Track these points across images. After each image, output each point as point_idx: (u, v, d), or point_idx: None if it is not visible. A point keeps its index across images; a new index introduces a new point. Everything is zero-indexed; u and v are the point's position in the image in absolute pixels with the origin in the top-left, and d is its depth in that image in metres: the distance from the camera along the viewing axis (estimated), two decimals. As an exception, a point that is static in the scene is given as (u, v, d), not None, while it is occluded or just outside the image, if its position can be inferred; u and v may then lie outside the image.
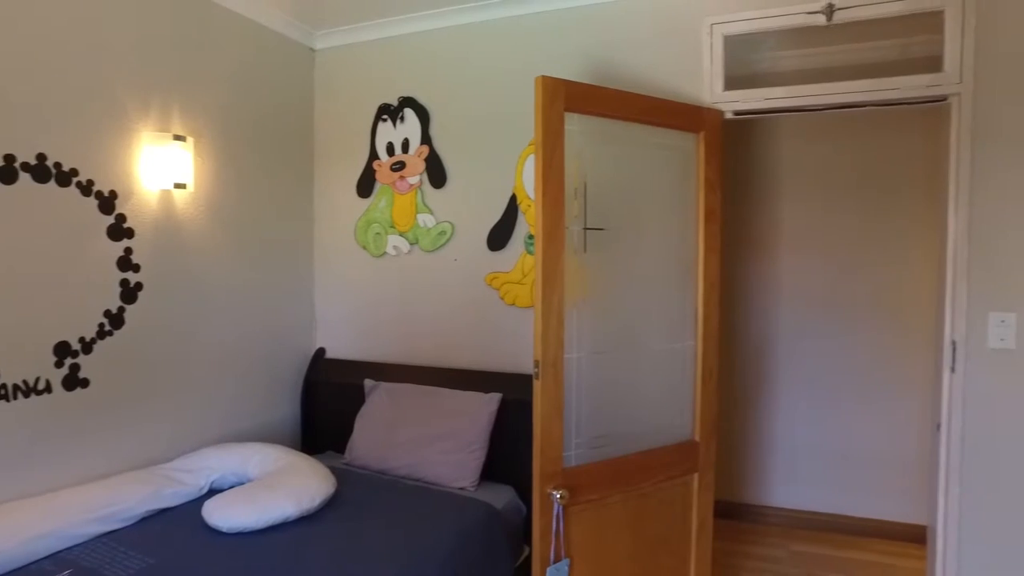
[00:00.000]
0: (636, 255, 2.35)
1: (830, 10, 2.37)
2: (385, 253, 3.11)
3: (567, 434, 2.11)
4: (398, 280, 3.09)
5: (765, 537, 3.48)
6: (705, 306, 2.38)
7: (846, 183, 3.50)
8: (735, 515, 3.68)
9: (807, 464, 3.59)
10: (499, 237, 2.88)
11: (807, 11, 2.41)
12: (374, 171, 3.10)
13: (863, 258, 3.48)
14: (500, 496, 2.57)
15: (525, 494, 2.54)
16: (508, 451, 2.66)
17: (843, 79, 2.41)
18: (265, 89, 2.98)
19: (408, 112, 3.02)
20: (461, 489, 2.56)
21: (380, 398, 2.86)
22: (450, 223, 2.97)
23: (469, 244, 2.94)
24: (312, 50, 3.24)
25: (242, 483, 2.36)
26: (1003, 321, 2.25)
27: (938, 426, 2.39)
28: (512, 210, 2.85)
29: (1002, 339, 2.26)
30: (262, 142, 2.97)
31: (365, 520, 2.20)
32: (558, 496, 2.01)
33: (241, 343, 2.88)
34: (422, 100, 3.01)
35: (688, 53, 2.57)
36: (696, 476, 2.42)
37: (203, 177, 2.67)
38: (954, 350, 2.30)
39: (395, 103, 3.05)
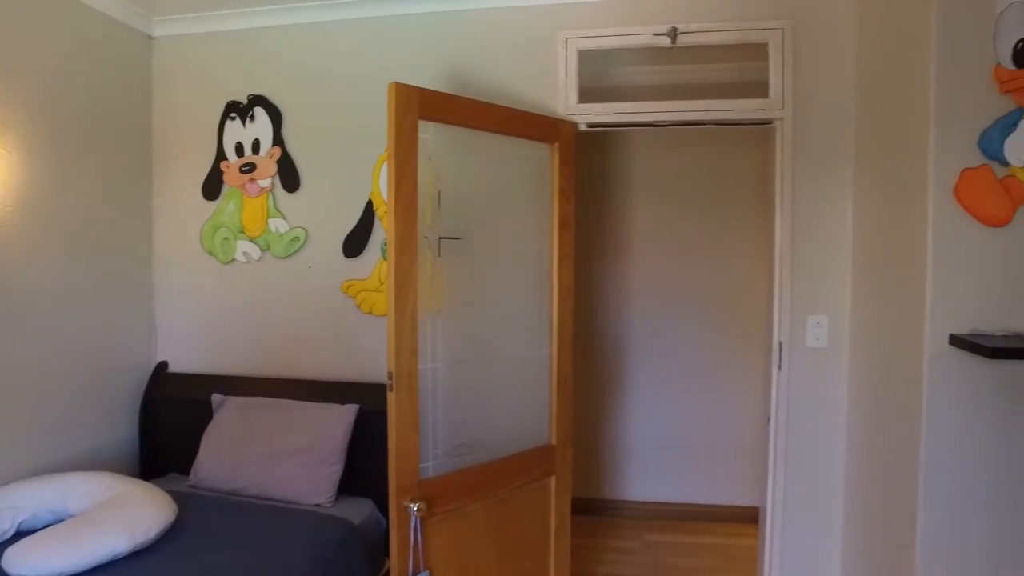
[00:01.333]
0: (493, 263, 2.37)
1: (674, 33, 2.53)
2: (234, 260, 2.92)
3: (424, 445, 2.09)
4: (249, 288, 2.92)
5: (622, 530, 3.66)
6: (560, 312, 2.45)
7: (694, 191, 3.77)
8: (594, 511, 3.84)
9: (659, 458, 3.83)
10: (355, 244, 2.80)
11: (654, 32, 2.55)
12: (222, 172, 2.90)
13: (708, 262, 3.76)
14: (359, 510, 2.50)
15: (385, 507, 2.47)
16: (367, 463, 2.58)
17: (688, 98, 2.59)
18: (94, 78, 2.69)
19: (259, 111, 2.86)
20: (317, 506, 2.46)
21: (229, 413, 2.68)
22: (304, 229, 2.85)
23: (324, 251, 2.84)
24: (150, 38, 2.97)
25: (61, 521, 2.08)
26: (818, 323, 2.51)
27: (768, 419, 2.62)
28: (368, 216, 2.78)
29: (817, 339, 2.52)
30: (90, 136, 2.67)
31: (211, 548, 2.04)
32: (415, 508, 1.99)
33: (65, 359, 2.57)
34: (274, 99, 2.86)
35: (544, 65, 2.63)
36: (554, 479, 2.49)
37: (11, 173, 2.36)
38: (780, 350, 2.53)
39: (244, 101, 2.88)
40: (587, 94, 2.62)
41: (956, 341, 1.77)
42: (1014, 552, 1.81)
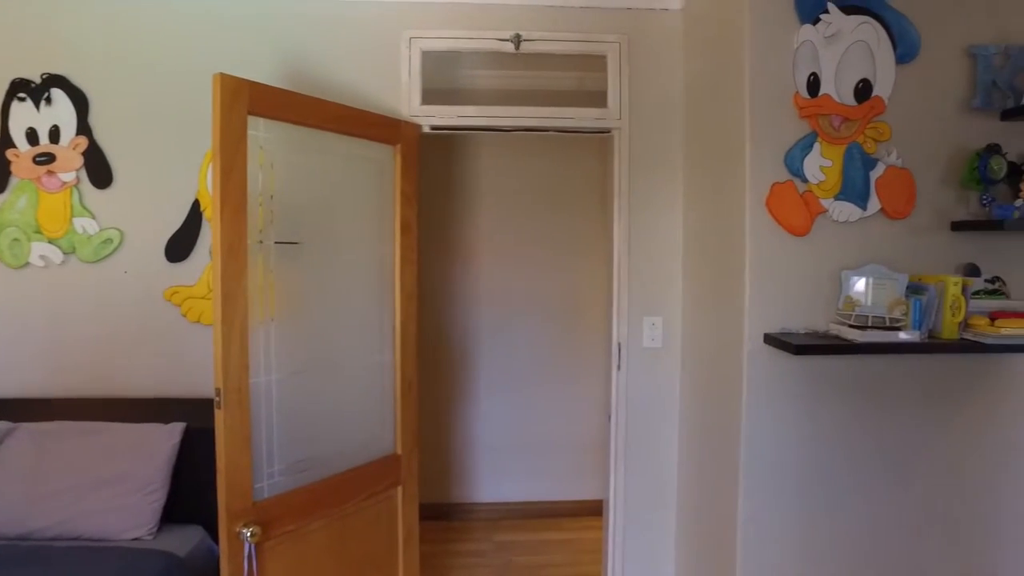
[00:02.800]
0: (334, 268, 2.26)
1: (518, 39, 2.56)
2: (28, 264, 2.53)
3: (258, 464, 1.94)
4: (48, 297, 2.54)
5: (472, 533, 3.68)
6: (403, 317, 2.39)
7: (540, 197, 3.86)
8: (444, 516, 3.82)
9: (507, 458, 3.89)
10: (180, 247, 2.54)
11: (498, 37, 2.56)
12: (8, 162, 2.50)
13: (553, 266, 3.87)
14: (186, 540, 2.28)
15: (217, 533, 2.28)
16: (197, 487, 2.34)
17: (532, 104, 2.62)
18: None
19: (58, 94, 2.50)
20: (135, 540, 2.20)
21: (19, 443, 2.32)
22: (118, 230, 2.54)
23: (144, 254, 2.55)
24: (-88, 0, 2.50)
25: None
26: (653, 324, 2.66)
27: (609, 416, 2.74)
28: (195, 217, 2.54)
29: (653, 339, 2.67)
30: None
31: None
32: (248, 534, 1.84)
33: None
34: (77, 81, 2.51)
35: (387, 65, 2.55)
36: (400, 489, 2.42)
37: None
38: (619, 350, 2.66)
39: (37, 80, 2.50)
40: (431, 96, 2.58)
41: (769, 339, 1.95)
42: (821, 522, 2.04)
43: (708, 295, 2.35)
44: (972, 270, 2.02)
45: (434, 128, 2.57)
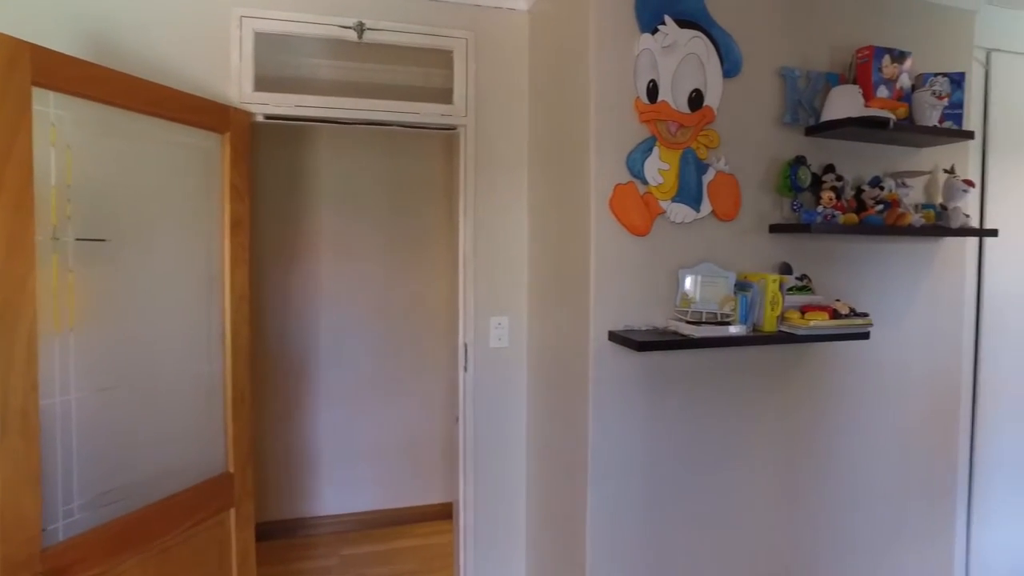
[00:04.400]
0: (151, 269, 1.99)
1: (361, 28, 2.43)
2: None
3: (51, 502, 1.65)
4: None
5: (318, 549, 3.46)
6: (234, 323, 2.17)
7: (386, 193, 3.72)
8: (286, 533, 3.56)
9: (352, 467, 3.71)
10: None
11: (340, 24, 2.41)
12: None
13: (400, 265, 3.75)
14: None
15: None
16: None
17: (377, 97, 2.50)
18: None
19: None
20: None
21: None
22: None
23: None
24: None
25: None
26: (499, 324, 2.66)
27: (457, 419, 2.69)
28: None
29: (499, 339, 2.67)
30: None
31: None
32: (38, 585, 1.55)
33: None
34: None
35: (215, 45, 2.30)
36: (233, 511, 2.20)
37: None
38: (466, 351, 2.62)
39: None
40: (267, 83, 2.37)
41: (613, 337, 2.01)
42: (669, 509, 2.14)
43: (554, 294, 2.39)
44: (785, 268, 2.23)
45: (269, 117, 2.36)
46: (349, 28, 2.42)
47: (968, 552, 2.90)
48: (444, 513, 3.81)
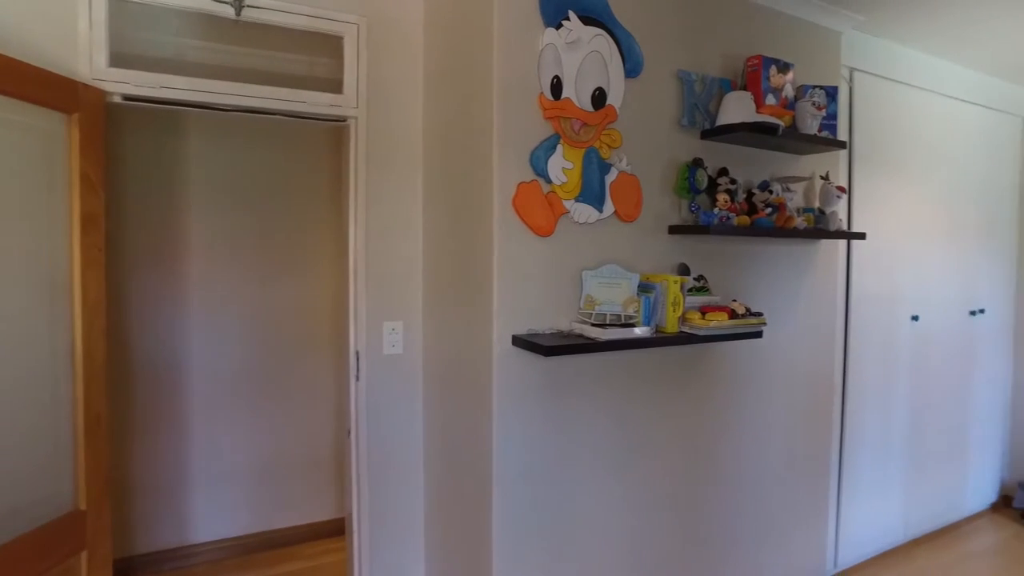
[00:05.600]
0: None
1: (239, 4, 2.19)
2: None
3: None
4: None
5: (189, 582, 3.12)
6: (86, 336, 1.86)
7: (267, 189, 3.39)
8: (151, 567, 3.17)
9: (231, 488, 3.37)
10: None
11: (214, -2, 2.16)
12: None
13: (283, 268, 3.45)
14: None
15: None
16: None
17: (259, 82, 2.26)
18: None
19: None
20: None
21: None
22: None
23: None
24: None
25: None
26: (394, 329, 2.50)
27: (348, 431, 2.51)
28: None
29: (393, 345, 2.51)
30: None
31: None
32: None
33: None
34: None
35: (58, 9, 1.98)
36: (85, 554, 1.89)
37: None
38: (358, 359, 2.44)
39: None
40: (126, 59, 2.07)
41: (518, 341, 1.93)
42: (578, 511, 2.09)
43: (452, 298, 2.27)
44: (684, 269, 2.26)
45: (128, 98, 2.06)
46: (225, 3, 2.18)
47: (838, 525, 3.11)
48: (336, 530, 3.57)
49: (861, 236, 2.60)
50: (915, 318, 3.37)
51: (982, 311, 3.79)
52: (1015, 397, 4.09)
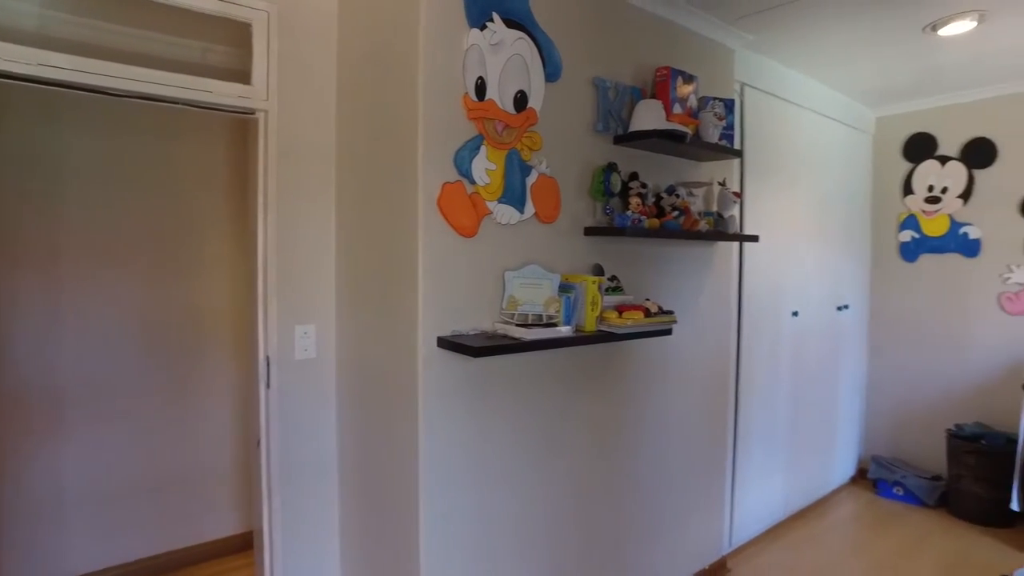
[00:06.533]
0: None
1: (129, -18, 2.02)
2: None
3: None
4: None
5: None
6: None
7: (157, 183, 3.11)
8: (20, 602, 2.84)
9: (120, 508, 3.07)
10: None
11: (98, -26, 1.97)
12: None
13: (175, 268, 3.19)
14: None
15: None
16: None
17: (153, 67, 2.08)
18: None
19: None
20: None
21: None
22: None
23: None
24: None
25: None
26: (306, 333, 2.41)
27: (258, 442, 2.38)
28: None
29: (306, 349, 2.41)
30: None
31: None
32: None
33: None
34: None
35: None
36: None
37: None
38: (268, 365, 2.33)
39: None
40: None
41: (443, 343, 1.92)
42: (495, 509, 2.11)
43: (371, 299, 2.22)
44: (598, 270, 2.34)
45: (1, 75, 1.84)
46: (113, -20, 2.00)
47: (732, 508, 3.34)
48: (239, 545, 3.36)
49: (755, 239, 2.81)
50: (795, 314, 3.69)
51: (847, 307, 4.21)
52: (869, 382, 4.59)
